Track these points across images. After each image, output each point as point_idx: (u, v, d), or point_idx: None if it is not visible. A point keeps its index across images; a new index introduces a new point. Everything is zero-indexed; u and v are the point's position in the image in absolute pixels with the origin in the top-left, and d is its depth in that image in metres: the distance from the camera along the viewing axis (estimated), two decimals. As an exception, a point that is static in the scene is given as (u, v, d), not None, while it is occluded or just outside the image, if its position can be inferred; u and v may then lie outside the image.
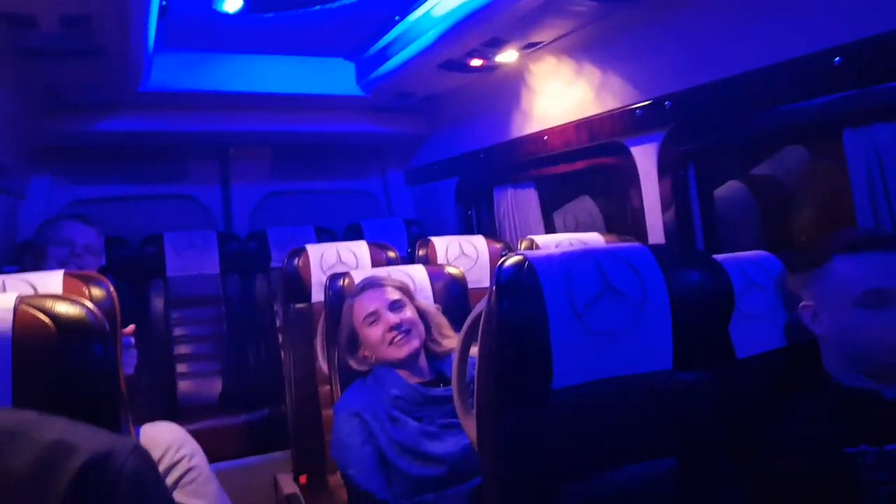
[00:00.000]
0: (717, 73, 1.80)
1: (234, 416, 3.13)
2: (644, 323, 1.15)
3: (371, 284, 1.95)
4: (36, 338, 0.93)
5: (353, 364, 1.93)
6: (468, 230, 3.55)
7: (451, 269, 2.22)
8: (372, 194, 4.37)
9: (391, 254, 2.69)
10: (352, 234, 3.78)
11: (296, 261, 2.58)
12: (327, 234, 3.75)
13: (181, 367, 3.38)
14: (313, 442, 2.30)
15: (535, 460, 1.07)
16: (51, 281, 1.33)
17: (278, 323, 3.43)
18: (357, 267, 2.57)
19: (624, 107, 2.19)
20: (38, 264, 2.30)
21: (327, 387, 2.24)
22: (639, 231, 2.34)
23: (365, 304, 1.90)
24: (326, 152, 4.21)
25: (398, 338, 1.84)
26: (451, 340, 1.95)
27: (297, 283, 2.56)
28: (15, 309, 0.96)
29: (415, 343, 1.86)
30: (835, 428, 1.24)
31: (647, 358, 1.17)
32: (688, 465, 1.20)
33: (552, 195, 3.21)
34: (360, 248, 2.66)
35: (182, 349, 3.42)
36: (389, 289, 1.93)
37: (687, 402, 1.19)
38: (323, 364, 2.23)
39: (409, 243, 3.80)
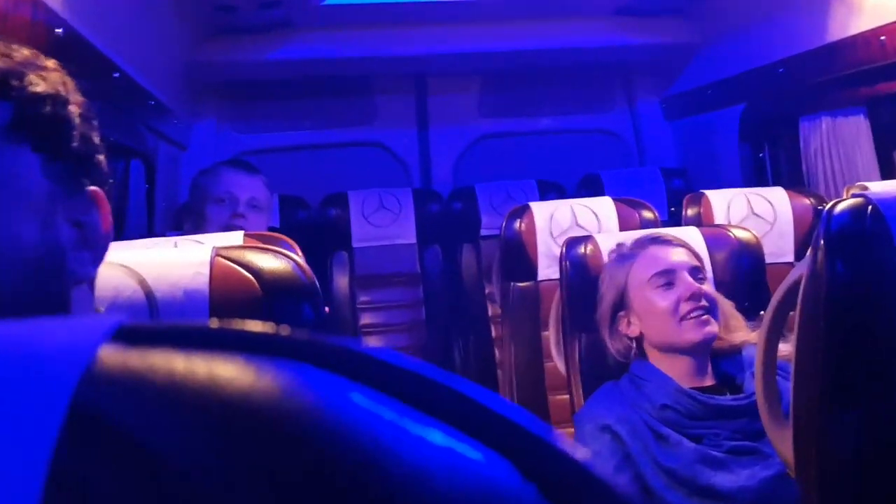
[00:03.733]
0: None
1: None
2: None
3: (660, 240, 1.98)
4: (237, 297, 1.07)
5: (609, 342, 1.98)
6: (759, 181, 3.40)
7: (739, 232, 2.17)
8: (616, 134, 4.36)
9: (647, 213, 2.70)
10: (588, 190, 3.80)
11: (516, 224, 2.71)
12: (555, 191, 3.80)
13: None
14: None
15: (887, 484, 1.03)
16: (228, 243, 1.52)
17: (491, 309, 3.56)
18: (599, 231, 2.61)
19: None
20: (198, 229, 2.55)
21: (563, 394, 2.31)
22: None
23: (655, 260, 1.93)
24: (554, 79, 4.24)
25: (696, 313, 1.84)
26: (740, 334, 1.93)
27: (519, 255, 2.69)
28: (212, 262, 1.11)
29: (714, 328, 1.84)
30: None
31: None
32: None
33: (893, 125, 2.96)
34: (603, 206, 2.72)
35: (371, 341, 3.69)
36: (686, 251, 1.95)
37: None
38: (558, 361, 2.29)
39: (668, 201, 3.74)
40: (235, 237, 1.72)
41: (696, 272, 1.90)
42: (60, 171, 0.79)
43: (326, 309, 1.94)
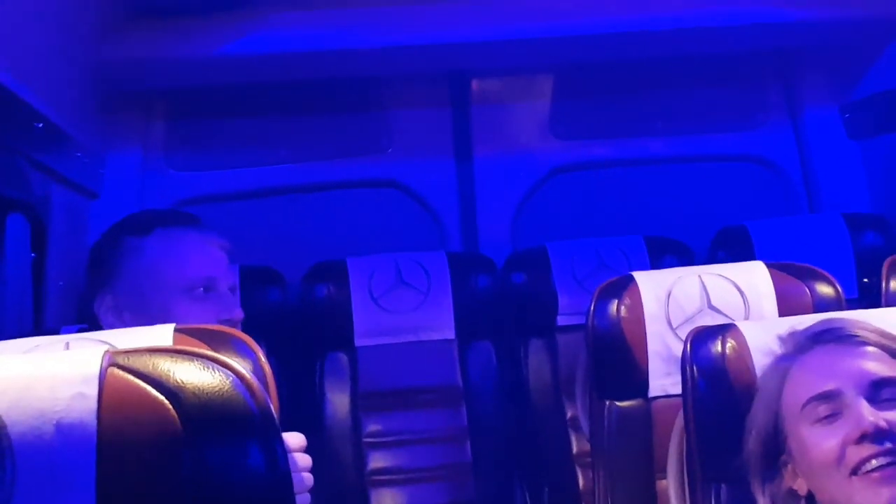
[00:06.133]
0: None
1: None
2: None
3: (834, 334, 1.95)
4: (142, 434, 1.04)
5: (761, 501, 1.94)
6: None
7: None
8: (770, 163, 4.34)
9: (824, 288, 2.68)
10: (728, 252, 3.78)
11: (613, 307, 2.69)
12: (675, 253, 3.78)
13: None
14: None
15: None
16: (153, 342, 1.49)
17: (576, 443, 3.52)
18: (747, 316, 2.60)
19: None
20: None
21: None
22: None
23: (812, 374, 1.90)
24: (671, 78, 4.26)
25: (878, 462, 1.78)
26: None
27: (618, 356, 2.67)
28: (102, 376, 1.07)
29: None
30: None
31: None
32: None
33: None
34: (753, 277, 2.70)
35: (386, 494, 3.65)
36: (877, 355, 1.90)
37: None
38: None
39: (858, 266, 3.71)
40: (160, 334, 1.70)
41: (883, 389, 1.85)
42: None
43: (303, 444, 1.90)
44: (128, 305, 2.65)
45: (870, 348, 1.90)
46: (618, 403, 2.66)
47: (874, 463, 1.77)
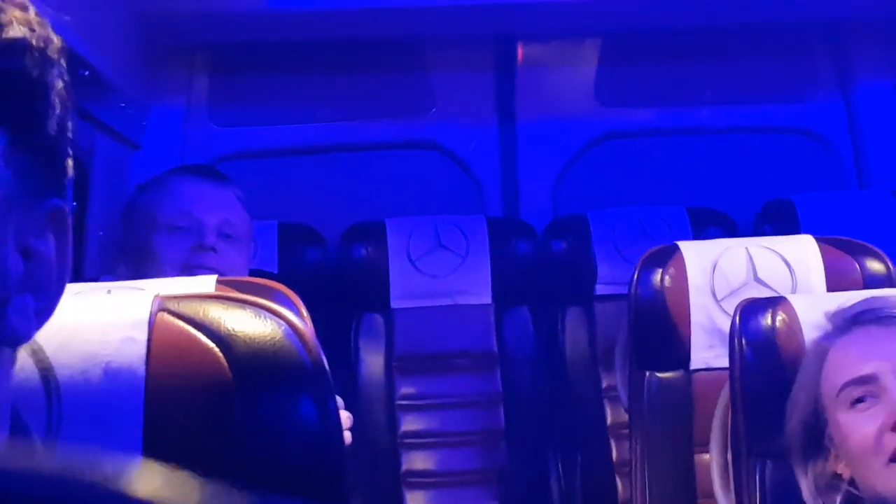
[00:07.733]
0: None
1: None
2: None
3: (876, 314, 1.92)
4: (191, 381, 1.03)
5: (802, 481, 1.91)
6: None
7: None
8: (819, 136, 4.27)
9: (874, 264, 2.66)
10: (774, 225, 3.72)
11: (655, 278, 2.68)
12: (719, 224, 3.75)
13: (415, 487, 3.63)
14: None
15: None
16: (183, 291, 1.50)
17: (612, 414, 3.51)
18: (794, 290, 2.58)
19: None
20: (139, 275, 2.52)
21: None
22: None
23: (848, 358, 1.87)
24: (718, 45, 4.21)
25: None
26: None
27: (660, 328, 2.67)
28: (152, 321, 1.06)
29: None
30: None
31: None
32: None
33: None
34: (801, 251, 2.68)
35: (418, 456, 3.66)
36: None
37: None
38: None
39: None
40: (203, 284, 1.69)
41: None
42: (25, 166, 0.78)
43: (342, 406, 1.89)
44: (122, 254, 2.82)
45: None
46: (658, 374, 2.65)
47: None
